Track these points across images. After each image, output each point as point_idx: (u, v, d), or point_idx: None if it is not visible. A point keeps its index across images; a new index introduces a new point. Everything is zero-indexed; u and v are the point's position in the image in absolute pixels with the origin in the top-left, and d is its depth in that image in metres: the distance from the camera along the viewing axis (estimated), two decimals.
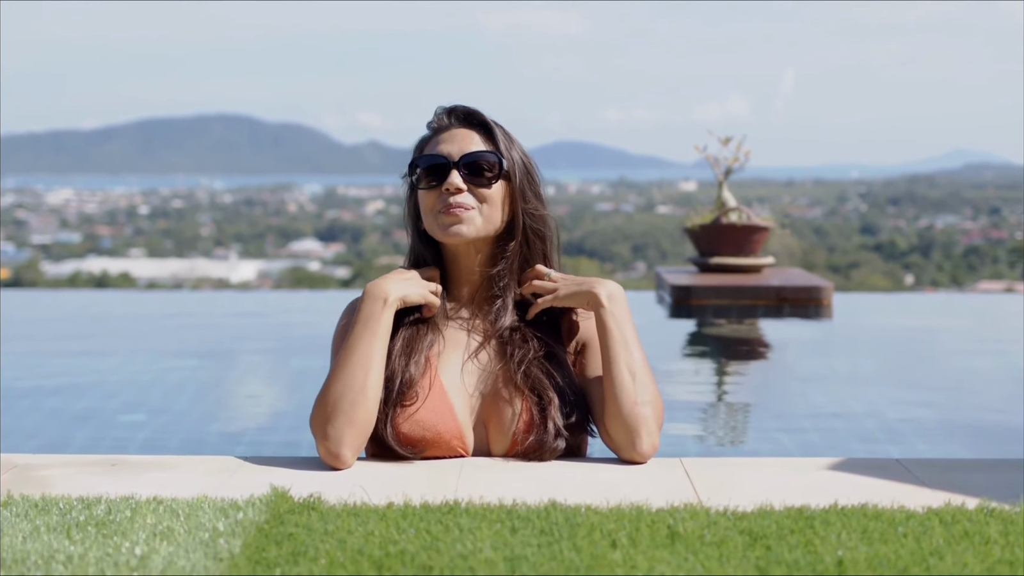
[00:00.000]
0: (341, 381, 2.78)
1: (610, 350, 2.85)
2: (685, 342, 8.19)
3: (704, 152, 11.09)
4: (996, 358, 7.30)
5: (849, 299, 12.01)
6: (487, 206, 2.90)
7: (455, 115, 2.96)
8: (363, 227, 77.01)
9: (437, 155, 2.91)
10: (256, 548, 2.14)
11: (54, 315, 10.00)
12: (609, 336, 2.86)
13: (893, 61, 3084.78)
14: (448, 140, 2.93)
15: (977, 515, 2.35)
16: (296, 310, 10.88)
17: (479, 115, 2.96)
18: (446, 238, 2.90)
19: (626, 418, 2.80)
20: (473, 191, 2.89)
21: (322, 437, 2.78)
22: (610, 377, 2.83)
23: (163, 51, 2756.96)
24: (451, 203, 2.87)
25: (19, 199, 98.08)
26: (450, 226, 2.88)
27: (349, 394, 2.77)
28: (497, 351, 2.92)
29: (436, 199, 2.90)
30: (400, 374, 2.83)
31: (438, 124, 2.97)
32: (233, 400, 5.96)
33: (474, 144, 2.92)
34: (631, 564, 2.05)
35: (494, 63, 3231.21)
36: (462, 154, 2.90)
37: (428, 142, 2.97)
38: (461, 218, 2.88)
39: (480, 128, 2.95)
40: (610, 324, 2.87)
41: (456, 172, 2.88)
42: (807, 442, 4.80)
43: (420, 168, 2.93)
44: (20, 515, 2.33)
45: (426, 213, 2.92)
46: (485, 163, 2.89)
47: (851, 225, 70.02)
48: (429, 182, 2.91)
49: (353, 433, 2.76)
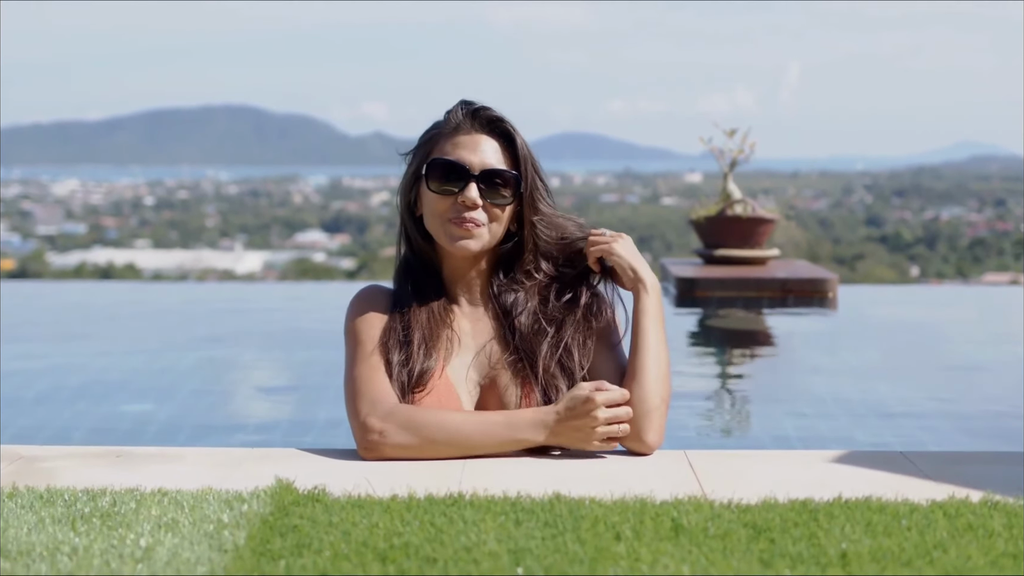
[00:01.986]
0: (439, 437, 2.77)
1: (644, 336, 2.86)
2: (690, 334, 8.18)
3: (709, 144, 11.07)
4: (1001, 350, 7.29)
5: (854, 291, 11.99)
6: (496, 224, 2.90)
7: (479, 120, 2.91)
8: (368, 218, 76.99)
9: (457, 162, 2.87)
10: (260, 540, 2.14)
11: (57, 306, 10.01)
12: (648, 322, 2.88)
13: (899, 53, 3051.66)
14: (469, 147, 2.89)
15: (981, 508, 2.35)
16: (301, 302, 10.89)
17: (502, 124, 2.91)
18: (453, 249, 2.90)
19: (643, 409, 2.81)
20: (487, 208, 2.88)
21: (379, 437, 2.78)
22: (638, 364, 2.85)
23: (169, 42, 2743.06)
24: (464, 216, 2.86)
25: (25, 190, 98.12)
26: (460, 240, 2.88)
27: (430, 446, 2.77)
28: (502, 345, 2.93)
29: (448, 207, 2.88)
30: (419, 365, 2.85)
31: (458, 124, 2.92)
32: (238, 392, 5.96)
33: (495, 158, 2.89)
34: (635, 557, 2.05)
35: (500, 55, 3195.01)
36: (483, 168, 2.87)
37: (444, 138, 2.92)
38: (472, 233, 2.87)
39: (502, 138, 2.92)
40: (651, 310, 2.89)
41: (475, 186, 2.86)
42: (811, 435, 4.80)
43: (436, 169, 2.89)
44: (25, 507, 2.33)
45: (434, 215, 2.90)
46: (502, 181, 2.88)
47: (856, 217, 69.93)
48: (444, 187, 2.88)
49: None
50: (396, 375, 2.85)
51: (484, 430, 2.77)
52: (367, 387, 2.82)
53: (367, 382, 2.83)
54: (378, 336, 2.90)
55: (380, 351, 2.88)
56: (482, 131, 2.91)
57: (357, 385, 2.83)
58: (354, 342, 2.92)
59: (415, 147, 2.98)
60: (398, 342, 2.89)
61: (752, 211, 10.76)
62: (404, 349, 2.87)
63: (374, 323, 2.92)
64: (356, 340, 2.91)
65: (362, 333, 2.92)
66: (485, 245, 2.91)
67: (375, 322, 2.93)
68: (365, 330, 2.92)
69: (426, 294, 2.96)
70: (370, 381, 2.83)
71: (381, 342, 2.89)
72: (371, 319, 2.93)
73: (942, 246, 58.15)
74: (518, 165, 2.91)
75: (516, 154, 2.91)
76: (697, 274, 9.99)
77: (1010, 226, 61.95)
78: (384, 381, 2.84)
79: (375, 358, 2.87)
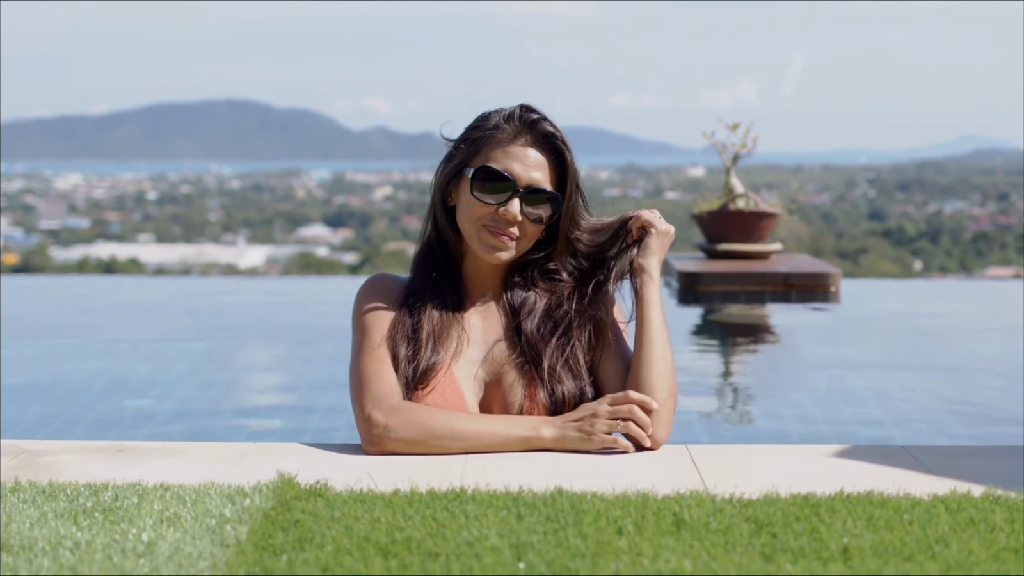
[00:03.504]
0: (443, 435, 2.77)
1: (648, 327, 2.87)
2: (692, 328, 8.18)
3: (712, 138, 11.07)
4: (1004, 345, 7.29)
5: (857, 285, 11.99)
6: (525, 240, 2.91)
7: (534, 134, 2.90)
8: (371, 213, 76.98)
9: (505, 174, 2.86)
10: (263, 534, 2.14)
11: (60, 301, 10.01)
12: (650, 312, 2.88)
13: (902, 46, 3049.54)
14: (520, 159, 2.88)
15: (983, 502, 2.35)
16: (304, 296, 10.89)
17: (555, 140, 2.90)
18: (485, 256, 2.90)
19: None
20: (524, 223, 2.88)
21: (383, 432, 2.78)
22: (643, 356, 2.85)
23: (172, 36, 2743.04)
24: (501, 229, 2.87)
25: (28, 184, 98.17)
26: (494, 251, 2.89)
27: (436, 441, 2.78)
28: (510, 345, 2.93)
29: (487, 214, 2.88)
30: (425, 361, 2.85)
31: (515, 133, 2.90)
32: (240, 386, 5.96)
33: (542, 175, 2.89)
34: (636, 551, 2.05)
35: (503, 48, 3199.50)
36: (529, 184, 2.87)
37: (496, 144, 2.90)
38: (507, 246, 2.88)
39: (553, 154, 2.91)
40: (652, 299, 2.89)
41: (517, 201, 2.86)
42: (813, 429, 4.80)
43: (483, 176, 2.87)
44: (27, 501, 2.33)
45: (470, 219, 2.90)
46: (544, 199, 2.88)
47: (859, 211, 69.89)
48: (487, 196, 2.87)
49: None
50: (402, 369, 2.85)
51: (489, 430, 2.77)
52: (372, 380, 2.82)
53: (373, 375, 2.83)
54: (386, 327, 2.90)
55: (387, 343, 2.88)
56: (535, 145, 2.90)
57: (363, 378, 2.83)
58: (361, 332, 2.91)
59: (462, 137, 2.95)
60: (406, 336, 2.89)
61: (755, 205, 10.76)
62: (412, 343, 2.88)
63: (382, 313, 2.93)
64: (363, 330, 2.91)
65: (369, 323, 2.91)
66: (515, 257, 2.92)
67: (383, 312, 2.93)
68: (372, 320, 2.92)
69: (442, 286, 2.95)
70: (376, 374, 2.83)
71: (388, 334, 2.89)
72: (379, 309, 2.93)
73: (945, 240, 58.10)
74: (564, 182, 2.90)
75: (564, 171, 2.91)
76: (700, 268, 9.98)
77: (1013, 220, 61.91)
78: (389, 375, 2.84)
79: (381, 350, 2.87)
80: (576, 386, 2.89)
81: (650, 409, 2.80)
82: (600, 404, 2.81)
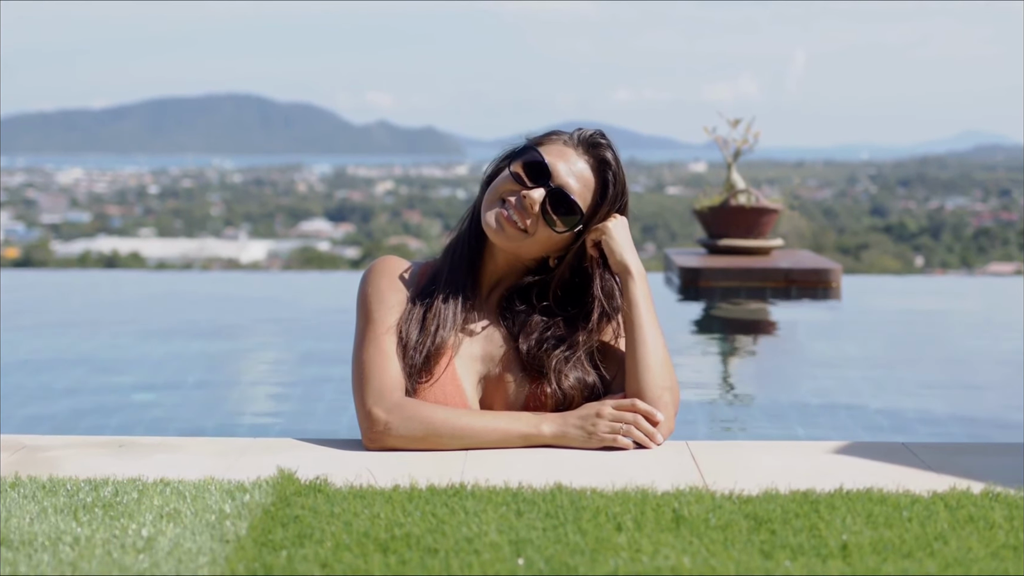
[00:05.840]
0: (444, 433, 2.78)
1: (639, 329, 2.85)
2: (693, 324, 8.18)
3: (714, 134, 11.06)
4: (1005, 341, 7.29)
5: (858, 281, 11.98)
6: (532, 240, 2.87)
7: (591, 154, 2.89)
8: (373, 207, 76.96)
9: (545, 163, 2.85)
10: (262, 530, 2.14)
11: (61, 295, 10.02)
12: (640, 313, 2.85)
13: (904, 43, 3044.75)
14: (564, 159, 2.88)
15: (982, 500, 2.35)
16: (306, 290, 10.89)
17: (608, 169, 2.89)
18: (487, 230, 2.88)
19: (648, 401, 2.81)
20: (536, 220, 2.85)
21: (383, 428, 2.78)
22: (636, 358, 2.84)
23: (173, 30, 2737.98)
24: (514, 209, 2.85)
25: (29, 179, 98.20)
26: (494, 224, 2.86)
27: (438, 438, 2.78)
28: (513, 344, 2.92)
29: (509, 191, 2.87)
30: (426, 349, 2.84)
31: (576, 143, 2.90)
32: (241, 381, 5.96)
33: (580, 187, 2.87)
34: (636, 547, 2.05)
35: (506, 43, 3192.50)
36: (561, 185, 2.85)
37: (553, 141, 2.91)
38: (510, 228, 2.85)
39: (600, 183, 2.89)
40: (641, 299, 2.86)
41: (543, 192, 2.84)
42: (813, 425, 4.80)
43: (525, 157, 2.87)
44: (27, 496, 2.33)
45: (494, 189, 2.89)
46: (566, 208, 2.86)
47: (861, 207, 69.89)
48: (517, 172, 2.87)
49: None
50: (408, 356, 2.84)
51: (490, 427, 2.77)
52: (375, 374, 2.80)
53: (375, 368, 2.80)
54: (391, 315, 2.87)
55: (393, 331, 2.85)
56: (587, 163, 2.89)
57: (365, 370, 2.81)
58: (366, 318, 2.88)
59: (532, 136, 2.96)
60: (417, 320, 2.87)
61: (756, 201, 10.75)
62: (419, 332, 2.86)
63: (389, 299, 2.89)
64: (368, 317, 2.88)
65: (375, 310, 2.88)
66: (509, 246, 2.88)
67: (390, 298, 2.90)
68: (379, 305, 2.88)
69: (459, 277, 2.93)
70: (379, 367, 2.80)
71: (394, 321, 2.87)
72: (386, 294, 2.90)
73: (946, 236, 58.09)
74: (596, 210, 2.89)
75: (602, 200, 2.88)
76: (701, 264, 9.98)
77: (1015, 216, 61.89)
78: (392, 367, 2.81)
79: (386, 339, 2.83)
80: (583, 379, 2.88)
81: (656, 421, 2.80)
82: (604, 405, 2.80)
